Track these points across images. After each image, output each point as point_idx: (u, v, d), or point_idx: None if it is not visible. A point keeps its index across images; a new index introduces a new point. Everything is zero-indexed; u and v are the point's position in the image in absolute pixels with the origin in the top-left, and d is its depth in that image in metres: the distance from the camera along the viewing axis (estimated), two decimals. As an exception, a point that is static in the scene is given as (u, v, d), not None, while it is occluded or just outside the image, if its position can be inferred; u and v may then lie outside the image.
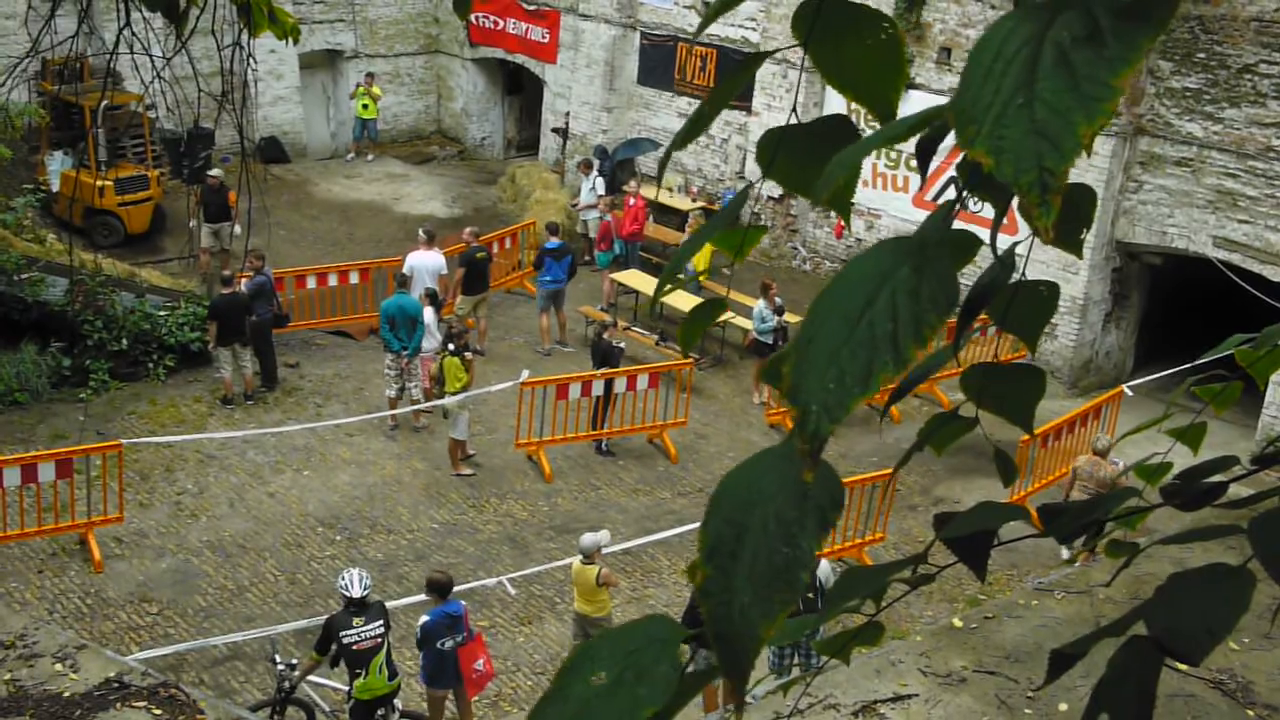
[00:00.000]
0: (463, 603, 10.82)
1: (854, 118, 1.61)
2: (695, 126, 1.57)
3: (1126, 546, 1.98)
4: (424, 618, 10.53)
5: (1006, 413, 1.71)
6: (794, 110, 1.84)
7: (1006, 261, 1.60)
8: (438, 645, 10.38)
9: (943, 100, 1.26)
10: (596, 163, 23.50)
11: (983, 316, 1.62)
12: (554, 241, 19.12)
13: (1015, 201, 1.17)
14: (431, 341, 16.38)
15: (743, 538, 1.23)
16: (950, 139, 1.29)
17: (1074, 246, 1.61)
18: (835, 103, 21.17)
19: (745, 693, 1.26)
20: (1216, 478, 1.85)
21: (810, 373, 1.17)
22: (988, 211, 1.48)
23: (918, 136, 1.51)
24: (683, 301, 19.15)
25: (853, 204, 1.63)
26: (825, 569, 10.62)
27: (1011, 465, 1.96)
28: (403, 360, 16.30)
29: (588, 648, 1.29)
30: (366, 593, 10.14)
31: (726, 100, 1.61)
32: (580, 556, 11.51)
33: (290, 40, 5.06)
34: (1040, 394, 1.73)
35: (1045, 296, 1.65)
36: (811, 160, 1.52)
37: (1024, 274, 1.65)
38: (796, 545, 1.21)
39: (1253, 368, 2.46)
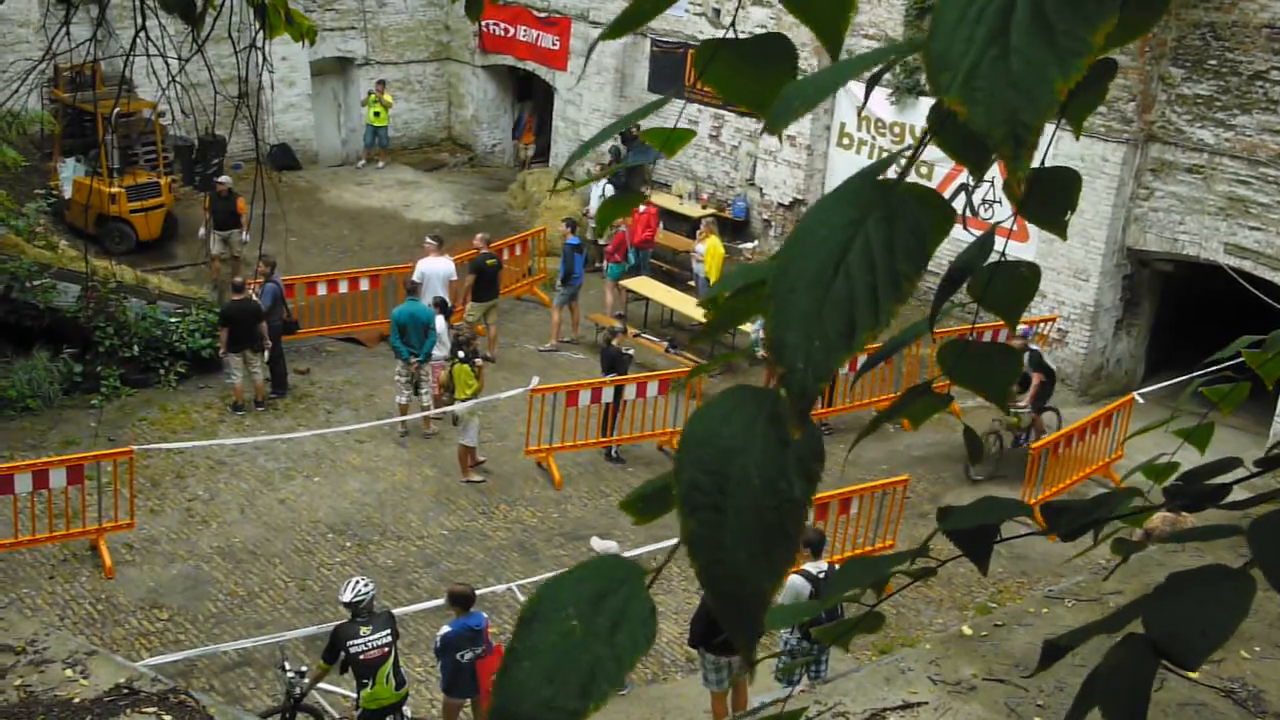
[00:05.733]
0: (484, 615, 10.80)
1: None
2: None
3: (1132, 546, 1.98)
4: (445, 628, 10.49)
5: (982, 390, 1.73)
6: (732, 25, 1.88)
7: (985, 242, 1.62)
8: (457, 656, 10.36)
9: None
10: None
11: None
12: (575, 238, 19.42)
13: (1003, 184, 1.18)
14: (441, 349, 16.43)
15: (725, 489, 1.20)
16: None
17: (1058, 227, 1.64)
18: (847, 113, 21.19)
19: (755, 651, 1.23)
20: (1220, 479, 1.85)
21: (793, 328, 1.17)
22: (986, 216, 1.50)
23: (871, 74, 1.54)
24: (698, 312, 19.18)
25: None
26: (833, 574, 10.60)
27: (979, 444, 1.97)
28: (413, 366, 16.35)
29: (545, 597, 1.24)
30: (359, 599, 10.08)
31: None
32: None
33: (307, 42, 5.07)
34: (1015, 373, 1.74)
35: (1026, 276, 1.67)
36: (750, 73, 1.55)
37: (1003, 255, 1.67)
38: (785, 499, 1.19)
39: (1261, 369, 2.47)
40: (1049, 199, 1.64)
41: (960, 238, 1.84)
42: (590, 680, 1.17)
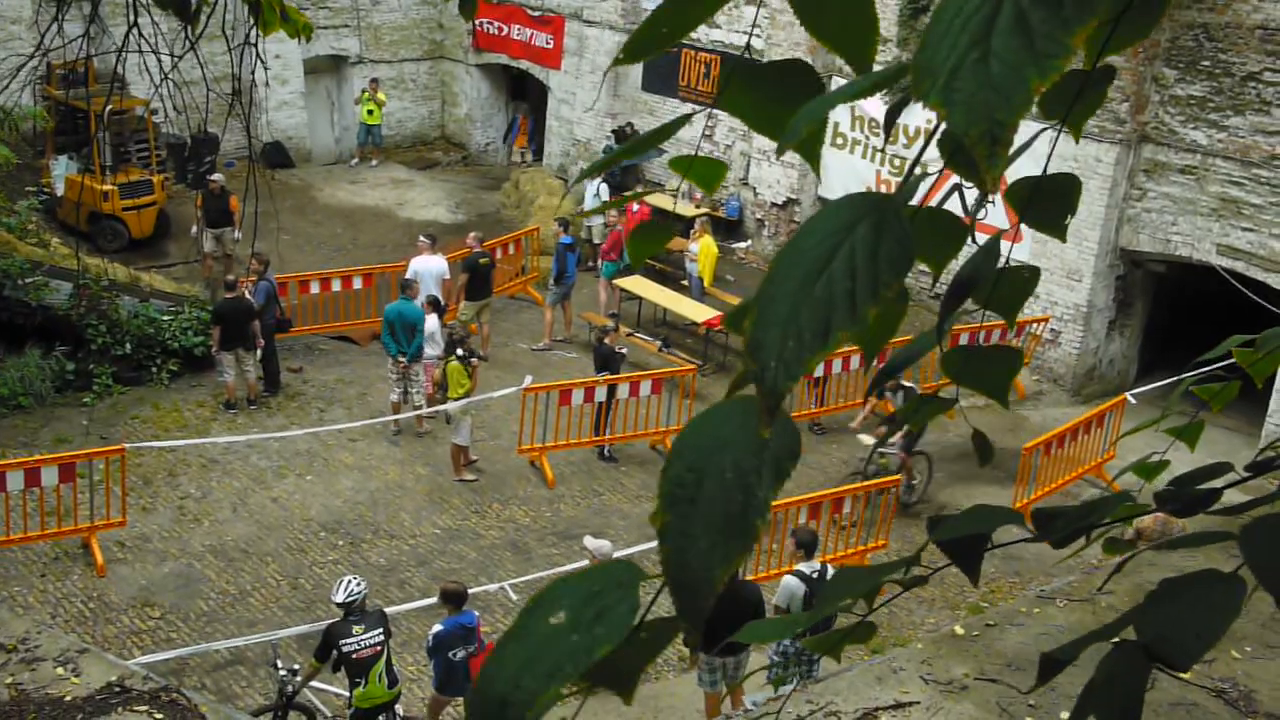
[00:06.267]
0: (476, 613, 10.79)
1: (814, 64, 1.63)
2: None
3: (1123, 545, 1.98)
4: (437, 626, 10.51)
5: (984, 388, 1.77)
6: (748, 47, 1.88)
7: (991, 250, 1.63)
8: (449, 655, 10.37)
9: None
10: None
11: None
12: (568, 237, 19.42)
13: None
14: (435, 348, 16.42)
15: (701, 484, 1.24)
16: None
17: (1058, 231, 1.67)
18: (840, 113, 21.20)
19: (700, 639, 1.26)
20: (1211, 484, 1.86)
21: (770, 328, 1.20)
22: (993, 220, 1.51)
23: (889, 104, 1.55)
24: (691, 311, 19.18)
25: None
26: (830, 574, 10.62)
27: (988, 445, 1.99)
28: (400, 364, 16.36)
29: (549, 590, 1.30)
30: (352, 599, 10.08)
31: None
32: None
33: (302, 38, 5.05)
34: (1016, 370, 1.78)
35: (1026, 279, 1.71)
36: (769, 98, 1.56)
37: (1008, 260, 1.69)
38: (752, 494, 1.22)
39: (1252, 368, 2.48)
40: (1050, 204, 1.67)
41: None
42: (558, 665, 1.23)
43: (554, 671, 1.23)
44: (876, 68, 1.50)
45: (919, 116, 18.67)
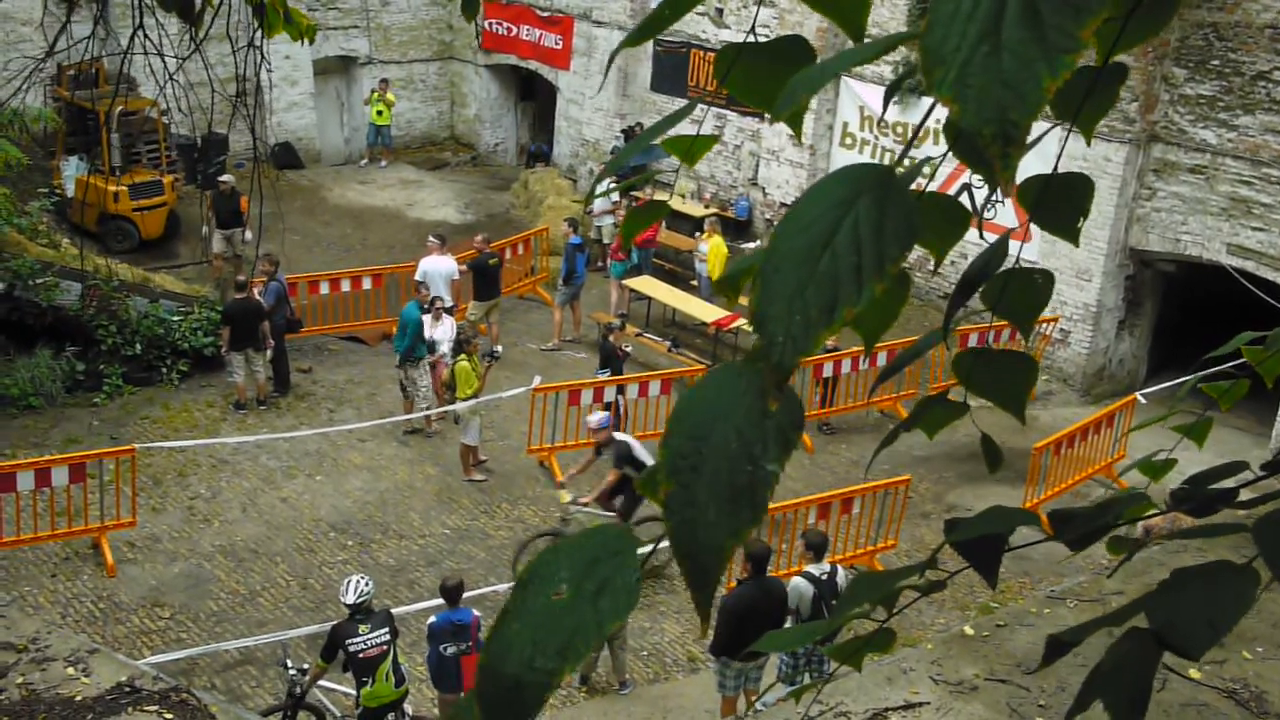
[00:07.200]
0: (475, 612, 10.76)
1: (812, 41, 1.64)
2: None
3: (1130, 543, 1.97)
4: (431, 618, 10.57)
5: (998, 399, 1.72)
6: (753, 29, 1.90)
7: (999, 248, 1.61)
8: (440, 648, 10.38)
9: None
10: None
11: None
12: (577, 237, 19.43)
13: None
14: (445, 348, 16.46)
15: (704, 453, 1.23)
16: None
17: (1070, 234, 1.64)
18: (849, 112, 21.17)
19: (710, 608, 1.25)
20: (1227, 483, 1.84)
21: (776, 302, 1.19)
22: (1002, 220, 1.50)
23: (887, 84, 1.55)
24: (700, 311, 19.17)
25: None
26: (840, 576, 10.60)
27: (997, 452, 1.95)
28: (396, 365, 16.46)
29: (542, 563, 1.29)
30: (362, 599, 10.08)
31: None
32: None
33: (306, 41, 5.06)
34: (1032, 382, 1.74)
35: (1040, 284, 1.67)
36: (769, 76, 1.56)
37: (1018, 262, 1.66)
38: (760, 466, 1.22)
39: (1261, 366, 2.46)
40: (1062, 205, 1.64)
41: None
42: (569, 642, 1.22)
43: (565, 649, 1.22)
44: (885, 68, 1.49)
45: (919, 114, 18.67)
